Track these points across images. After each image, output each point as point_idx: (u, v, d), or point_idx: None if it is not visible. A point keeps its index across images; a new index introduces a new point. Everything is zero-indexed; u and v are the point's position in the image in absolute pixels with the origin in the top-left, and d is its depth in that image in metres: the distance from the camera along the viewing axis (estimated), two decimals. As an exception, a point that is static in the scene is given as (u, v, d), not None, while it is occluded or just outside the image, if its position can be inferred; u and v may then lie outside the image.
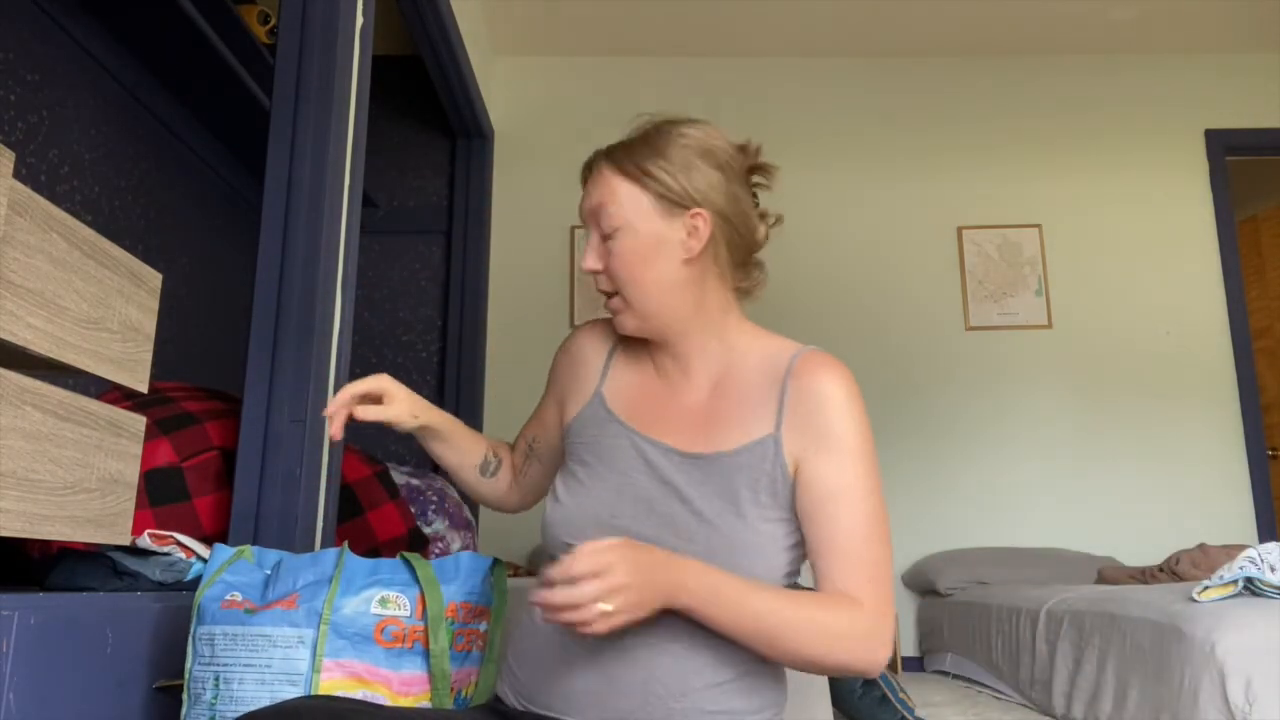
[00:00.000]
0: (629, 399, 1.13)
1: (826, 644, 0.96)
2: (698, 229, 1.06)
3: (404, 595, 1.10)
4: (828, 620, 0.97)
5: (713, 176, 1.07)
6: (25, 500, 0.93)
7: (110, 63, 2.32)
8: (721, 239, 1.08)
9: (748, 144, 1.13)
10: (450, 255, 3.81)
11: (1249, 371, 3.90)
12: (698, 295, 1.09)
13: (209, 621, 1.09)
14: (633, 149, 1.08)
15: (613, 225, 1.06)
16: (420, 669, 1.09)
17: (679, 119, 1.11)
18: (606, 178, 1.08)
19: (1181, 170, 4.07)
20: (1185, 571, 2.78)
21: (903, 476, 3.82)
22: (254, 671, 1.05)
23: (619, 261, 1.07)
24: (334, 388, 1.82)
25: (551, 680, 1.01)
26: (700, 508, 1.02)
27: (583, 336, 1.22)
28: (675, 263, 1.06)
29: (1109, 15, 3.88)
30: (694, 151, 1.07)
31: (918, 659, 3.71)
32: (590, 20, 3.91)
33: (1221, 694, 1.76)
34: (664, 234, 1.06)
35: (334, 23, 1.88)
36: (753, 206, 1.13)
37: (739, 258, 1.11)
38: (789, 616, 0.95)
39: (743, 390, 1.08)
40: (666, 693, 0.97)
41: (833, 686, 2.08)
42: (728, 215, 1.08)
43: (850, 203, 4.04)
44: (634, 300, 1.08)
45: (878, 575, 1.00)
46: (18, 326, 0.92)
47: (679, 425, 1.08)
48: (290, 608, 1.07)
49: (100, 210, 2.30)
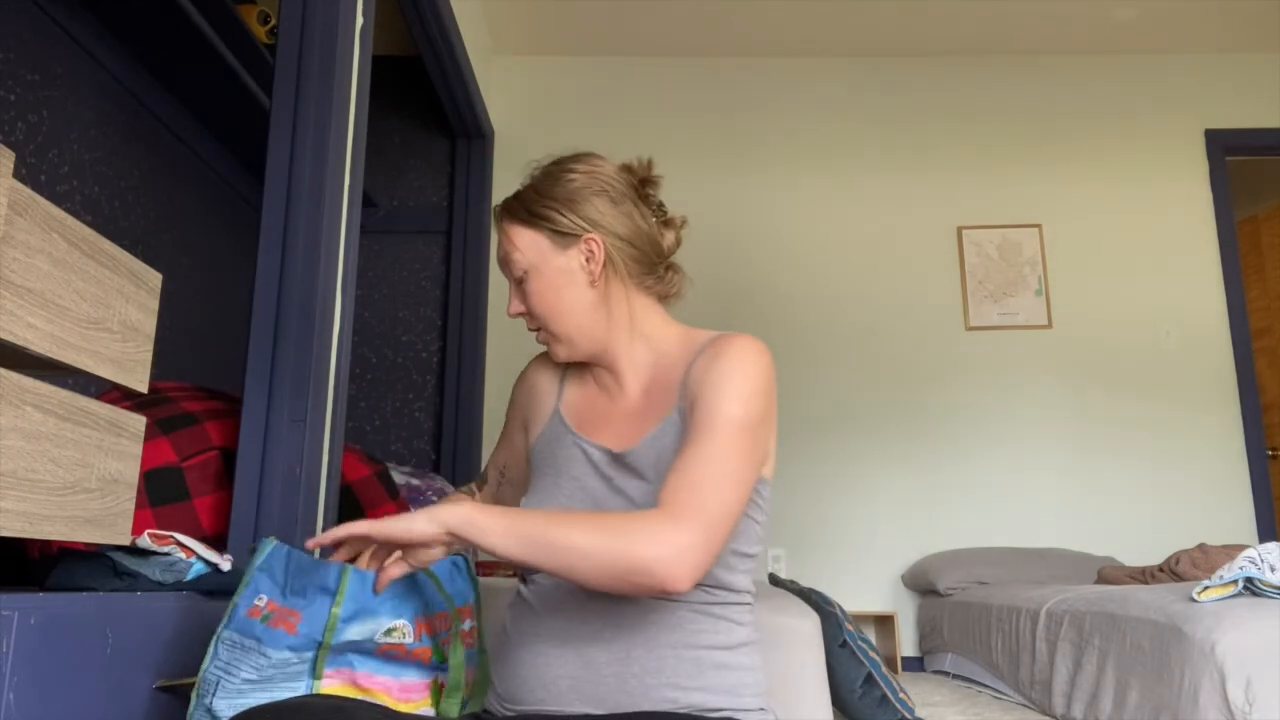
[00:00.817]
0: (578, 411, 1.22)
1: (616, 550, 0.91)
2: (593, 253, 1.15)
3: (408, 624, 1.10)
4: (617, 525, 0.94)
5: (599, 203, 1.16)
6: (25, 500, 0.93)
7: (110, 63, 2.32)
8: (619, 256, 1.17)
9: (633, 163, 1.22)
10: (450, 255, 3.81)
11: (1249, 371, 3.90)
12: (612, 311, 1.18)
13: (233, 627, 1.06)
14: (524, 197, 1.19)
15: (521, 269, 1.16)
16: (419, 676, 1.09)
17: (566, 157, 1.21)
18: (507, 229, 1.19)
19: (1181, 170, 4.08)
20: (1185, 571, 2.78)
21: (903, 476, 3.82)
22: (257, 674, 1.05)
23: (535, 300, 1.17)
24: (334, 388, 1.82)
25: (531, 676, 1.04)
26: (633, 496, 1.08)
27: (537, 367, 1.31)
28: (582, 288, 1.16)
29: (1110, 15, 3.88)
30: (578, 185, 1.16)
31: (918, 659, 3.71)
32: (590, 20, 3.91)
33: (1221, 694, 1.76)
34: (565, 266, 1.15)
35: (334, 23, 1.88)
36: (653, 218, 1.21)
37: (643, 268, 1.19)
38: (571, 529, 0.93)
39: (665, 383, 1.15)
40: (643, 671, 1.01)
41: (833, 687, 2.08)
42: (621, 234, 1.16)
43: (850, 203, 4.04)
44: (558, 331, 1.17)
45: (701, 500, 0.96)
46: (18, 326, 0.92)
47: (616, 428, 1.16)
48: (291, 632, 1.06)
49: (100, 210, 2.30)
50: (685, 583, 0.92)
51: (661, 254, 1.21)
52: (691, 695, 1.02)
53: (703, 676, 1.03)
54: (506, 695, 1.07)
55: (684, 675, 1.02)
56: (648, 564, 0.91)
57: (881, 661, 2.15)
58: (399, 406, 3.67)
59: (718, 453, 1.00)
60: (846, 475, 3.81)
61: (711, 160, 4.06)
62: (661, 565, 0.91)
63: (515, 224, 1.17)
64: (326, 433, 1.77)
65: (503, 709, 1.08)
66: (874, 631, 3.76)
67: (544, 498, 1.15)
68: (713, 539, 0.94)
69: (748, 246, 3.93)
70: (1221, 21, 3.95)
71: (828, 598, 2.23)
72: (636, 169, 1.21)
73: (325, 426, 1.77)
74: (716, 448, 1.00)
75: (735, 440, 1.01)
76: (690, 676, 1.02)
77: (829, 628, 2.11)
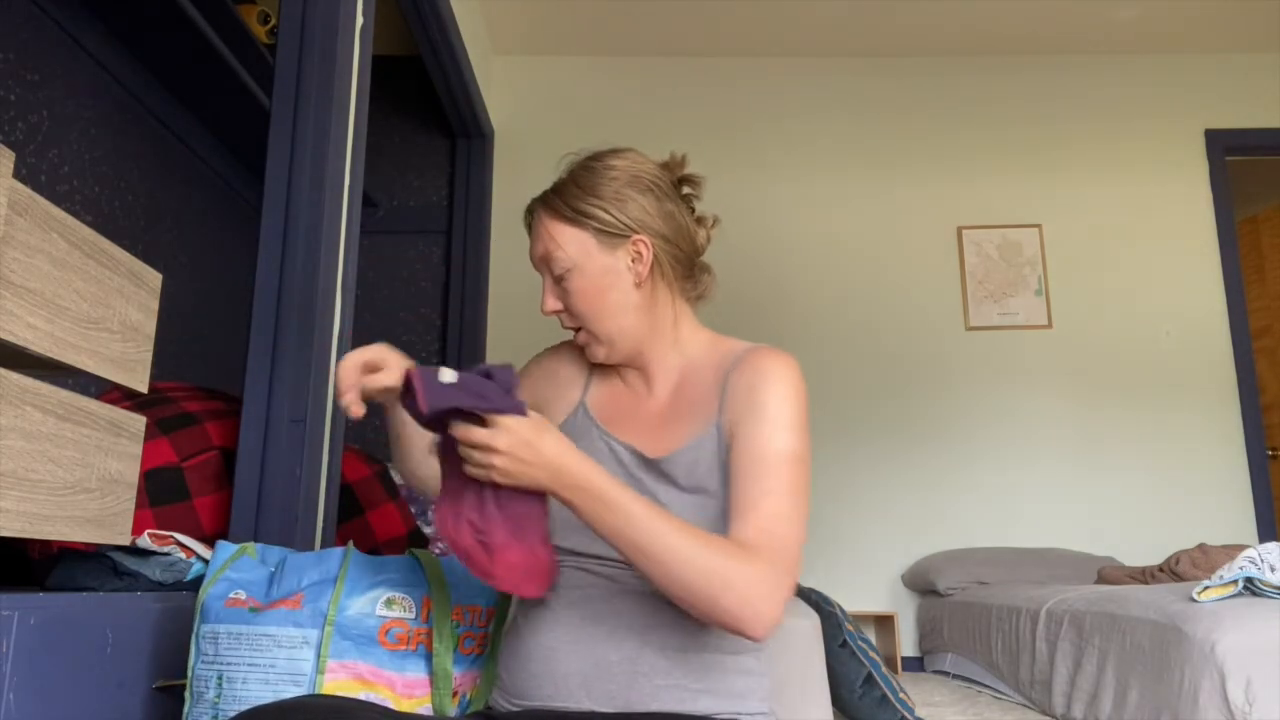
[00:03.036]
0: (604, 406, 1.20)
1: (712, 585, 0.92)
2: (641, 254, 1.13)
3: (409, 597, 1.11)
4: (721, 562, 0.93)
5: (645, 201, 1.13)
6: (25, 500, 0.93)
7: (110, 63, 2.32)
8: (665, 257, 1.14)
9: (671, 159, 1.19)
10: (450, 255, 3.81)
11: (1249, 371, 3.90)
12: (654, 314, 1.15)
13: (212, 620, 1.09)
14: (565, 192, 1.14)
15: (563, 268, 1.13)
16: (424, 671, 1.09)
17: (603, 151, 1.17)
18: (547, 225, 1.14)
19: (1181, 170, 4.07)
20: (1185, 571, 2.78)
21: (903, 476, 3.82)
22: (258, 671, 1.05)
23: (576, 300, 1.13)
24: (334, 388, 1.82)
25: (539, 669, 1.04)
26: (664, 502, 1.06)
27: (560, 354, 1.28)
28: (628, 289, 1.13)
29: (1110, 15, 3.88)
30: (622, 182, 1.13)
31: (918, 659, 3.71)
32: (590, 20, 3.91)
33: (1221, 694, 1.76)
34: (611, 266, 1.12)
35: (334, 23, 1.88)
36: (689, 216, 1.19)
37: (685, 269, 1.18)
38: (678, 543, 0.93)
39: (695, 392, 1.13)
40: (653, 671, 1.01)
41: (833, 687, 2.08)
42: (666, 234, 1.14)
43: (850, 203, 4.04)
44: (599, 332, 1.14)
45: (785, 542, 0.97)
46: (18, 326, 0.92)
47: (644, 429, 1.14)
48: (295, 608, 1.07)
49: (100, 210, 2.30)
50: (764, 638, 0.94)
51: (697, 253, 1.19)
52: (699, 699, 1.02)
53: (710, 680, 1.03)
54: (514, 689, 1.06)
55: (692, 679, 1.02)
56: (743, 622, 0.93)
57: (881, 661, 2.15)
58: (399, 406, 3.66)
59: (795, 489, 1.01)
60: (846, 475, 3.81)
61: (711, 160, 4.03)
62: (756, 625, 0.93)
63: (558, 221, 1.13)
64: (326, 433, 1.77)
65: (508, 704, 1.07)
66: (874, 631, 3.76)
67: None
68: (793, 588, 0.97)
69: (747, 246, 3.92)
70: (1221, 21, 3.95)
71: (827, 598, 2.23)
72: (674, 165, 1.18)
73: (325, 426, 1.77)
74: (794, 483, 1.01)
75: (802, 474, 1.02)
76: (698, 680, 1.03)
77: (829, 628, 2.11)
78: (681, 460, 1.07)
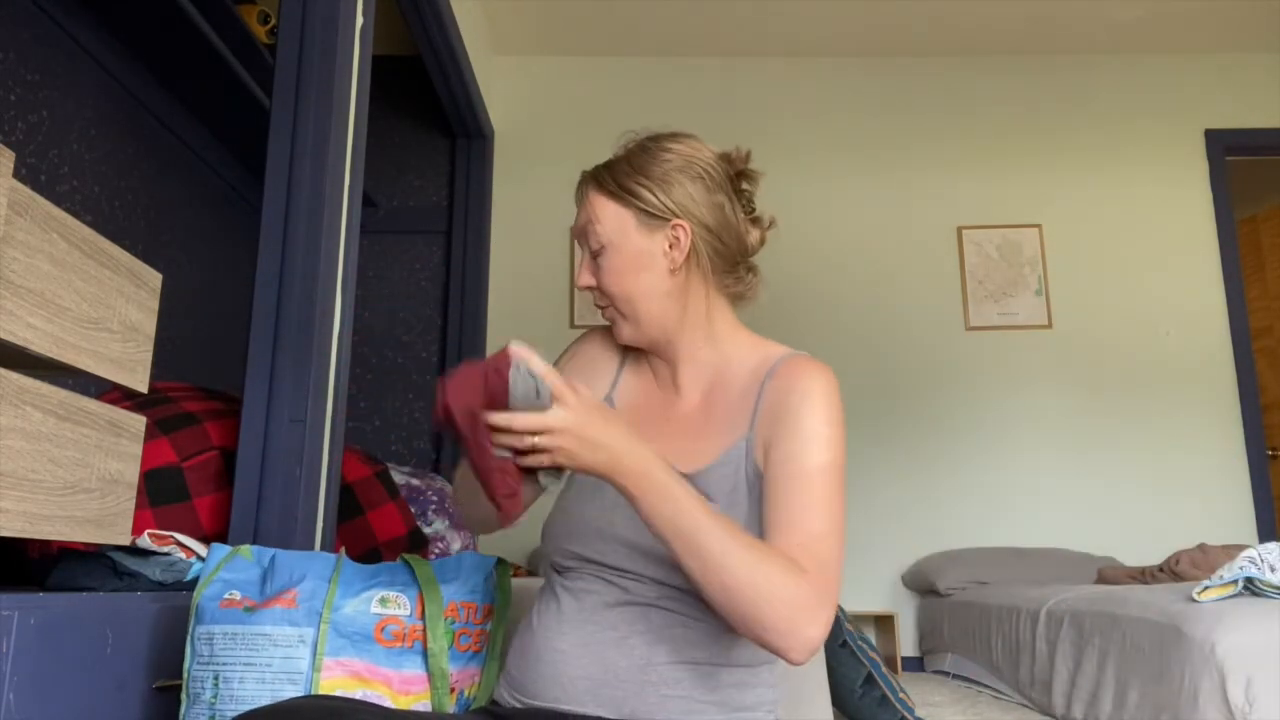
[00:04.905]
0: (634, 404, 1.17)
1: (761, 596, 0.90)
2: (679, 240, 1.10)
3: (404, 595, 1.11)
4: (773, 573, 0.91)
5: (693, 188, 1.11)
6: (25, 500, 0.93)
7: (110, 63, 2.32)
8: (705, 248, 1.12)
9: (732, 152, 1.16)
10: (450, 255, 3.81)
11: (1249, 371, 3.90)
12: (686, 303, 1.13)
13: (208, 621, 1.09)
14: (616, 168, 1.13)
15: (599, 243, 1.11)
16: (421, 668, 1.09)
17: (663, 134, 1.15)
18: (591, 198, 1.13)
19: (1181, 170, 4.07)
20: (1185, 571, 2.78)
21: (903, 476, 3.82)
22: (254, 671, 1.05)
23: (609, 277, 1.11)
24: (334, 388, 1.82)
25: (548, 672, 1.03)
26: None
27: (596, 340, 1.25)
28: (661, 274, 1.10)
29: (1111, 15, 3.88)
30: (674, 166, 1.11)
31: (918, 659, 3.71)
32: (590, 20, 3.91)
33: (1221, 694, 1.76)
34: (647, 248, 1.10)
35: (334, 23, 1.88)
36: (742, 212, 1.16)
37: (726, 264, 1.15)
38: (732, 547, 0.90)
39: (728, 397, 1.11)
40: (661, 681, 1.00)
41: (833, 687, 2.08)
42: (709, 224, 1.11)
43: (850, 203, 4.04)
44: (626, 312, 1.12)
45: (827, 560, 0.96)
46: (18, 326, 0.92)
47: (673, 437, 1.11)
48: (290, 606, 1.07)
49: (100, 210, 2.30)
50: (802, 660, 0.92)
51: (745, 252, 1.17)
52: (706, 710, 1.01)
53: (720, 693, 1.02)
54: (520, 688, 1.05)
55: (701, 690, 1.01)
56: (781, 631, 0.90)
57: (881, 661, 2.15)
58: (399, 406, 3.67)
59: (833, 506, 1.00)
60: (846, 475, 3.80)
61: (711, 160, 4.06)
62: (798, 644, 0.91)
63: (602, 195, 1.12)
64: (326, 433, 1.77)
65: (513, 698, 1.06)
66: (874, 631, 3.76)
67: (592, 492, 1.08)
68: (834, 612, 0.95)
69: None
70: (1221, 21, 3.95)
71: (828, 598, 2.23)
72: (735, 159, 1.16)
73: (325, 426, 1.77)
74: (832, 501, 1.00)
75: (840, 491, 1.02)
76: (708, 691, 1.01)
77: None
78: (716, 473, 1.06)
